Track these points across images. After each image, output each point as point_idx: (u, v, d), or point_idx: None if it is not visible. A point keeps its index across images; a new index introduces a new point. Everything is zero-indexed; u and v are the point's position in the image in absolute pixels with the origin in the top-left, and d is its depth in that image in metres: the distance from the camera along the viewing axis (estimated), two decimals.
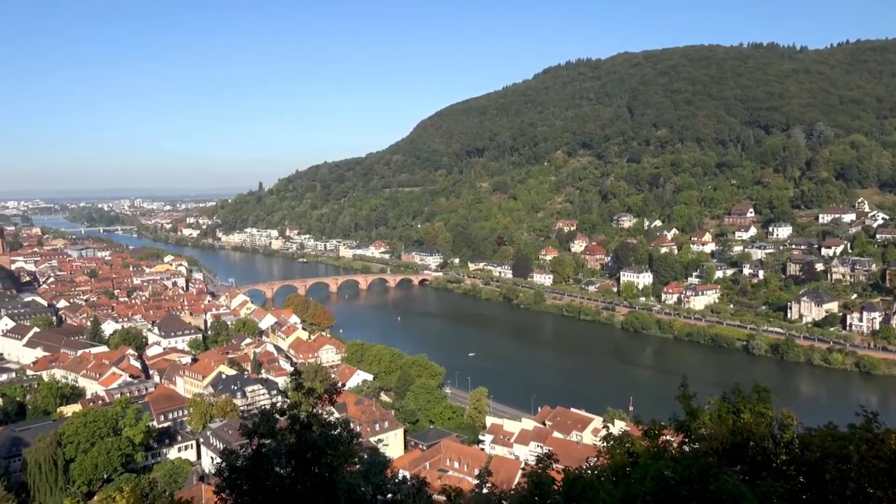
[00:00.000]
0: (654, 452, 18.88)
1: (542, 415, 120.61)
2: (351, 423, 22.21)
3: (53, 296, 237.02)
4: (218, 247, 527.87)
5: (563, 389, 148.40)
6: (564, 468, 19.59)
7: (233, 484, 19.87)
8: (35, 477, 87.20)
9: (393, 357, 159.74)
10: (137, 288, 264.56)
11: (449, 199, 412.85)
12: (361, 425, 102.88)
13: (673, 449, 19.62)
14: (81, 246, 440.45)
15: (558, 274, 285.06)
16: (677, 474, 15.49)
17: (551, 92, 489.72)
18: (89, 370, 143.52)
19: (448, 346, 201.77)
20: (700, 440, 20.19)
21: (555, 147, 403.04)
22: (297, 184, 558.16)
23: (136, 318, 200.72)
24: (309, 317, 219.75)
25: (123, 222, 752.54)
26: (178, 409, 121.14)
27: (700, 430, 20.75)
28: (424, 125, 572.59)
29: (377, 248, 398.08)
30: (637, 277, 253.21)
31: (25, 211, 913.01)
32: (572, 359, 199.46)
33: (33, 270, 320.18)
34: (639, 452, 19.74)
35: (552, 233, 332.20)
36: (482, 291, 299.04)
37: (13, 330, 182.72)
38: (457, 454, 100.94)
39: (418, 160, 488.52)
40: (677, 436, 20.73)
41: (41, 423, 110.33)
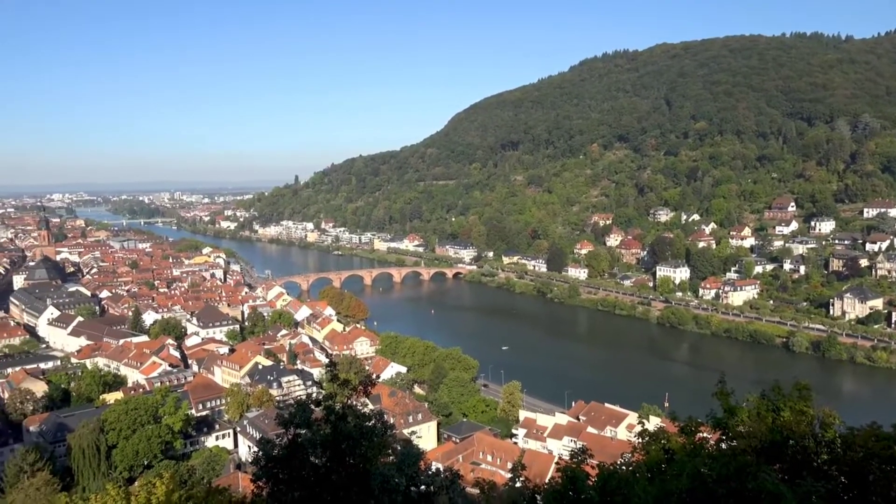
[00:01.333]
0: (690, 449, 18.66)
1: (575, 409, 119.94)
2: (385, 414, 22.34)
3: (96, 286, 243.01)
4: (255, 239, 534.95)
5: (598, 384, 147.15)
6: (599, 463, 19.46)
7: (269, 472, 20.22)
8: (79, 462, 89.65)
9: (426, 350, 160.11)
10: (177, 279, 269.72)
11: (483, 193, 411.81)
12: (395, 417, 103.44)
13: (710, 446, 19.35)
14: (123, 238, 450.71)
15: (593, 268, 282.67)
16: (714, 472, 15.28)
17: (587, 84, 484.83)
18: (131, 359, 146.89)
19: (481, 339, 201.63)
20: (738, 438, 19.87)
21: (590, 140, 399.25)
22: (333, 177, 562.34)
23: (176, 308, 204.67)
24: (343, 309, 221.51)
25: (163, 214, 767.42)
26: (215, 398, 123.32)
27: (738, 428, 20.43)
28: (459, 118, 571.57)
29: (411, 241, 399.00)
30: (674, 272, 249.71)
31: (70, 203, 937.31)
32: (607, 354, 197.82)
33: (77, 261, 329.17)
34: (675, 449, 19.52)
35: (587, 226, 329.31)
36: (516, 285, 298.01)
37: (58, 319, 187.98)
38: (490, 447, 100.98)
39: (453, 153, 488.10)
40: (714, 433, 20.43)
41: (85, 409, 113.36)
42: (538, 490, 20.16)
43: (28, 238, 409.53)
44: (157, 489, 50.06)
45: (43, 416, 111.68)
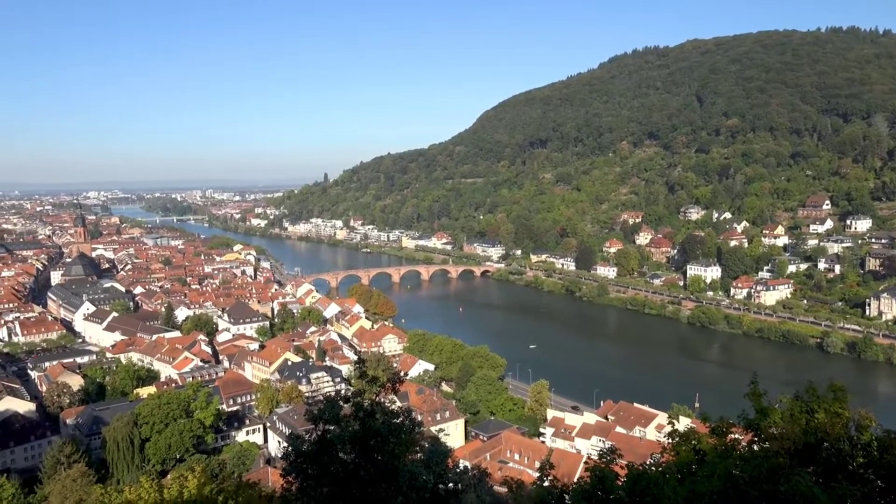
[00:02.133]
0: (721, 450, 18.41)
1: (604, 409, 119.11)
2: (413, 412, 22.40)
3: (130, 282, 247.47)
4: (284, 236, 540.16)
5: (626, 384, 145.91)
6: (628, 463, 19.32)
7: (298, 468, 20.42)
8: (113, 454, 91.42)
9: (454, 348, 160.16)
10: (208, 276, 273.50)
11: (511, 191, 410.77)
12: (422, 415, 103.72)
13: (741, 448, 19.08)
14: (156, 235, 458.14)
15: (622, 267, 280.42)
16: (746, 473, 15.09)
17: (617, 81, 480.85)
18: (163, 354, 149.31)
19: (509, 337, 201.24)
20: (770, 439, 19.55)
21: (620, 137, 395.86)
22: (362, 175, 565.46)
23: (207, 304, 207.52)
24: (372, 306, 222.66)
25: (195, 212, 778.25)
26: (246, 393, 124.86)
27: (770, 430, 20.09)
28: (487, 116, 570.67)
29: (439, 239, 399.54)
30: (704, 271, 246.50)
31: (105, 201, 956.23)
32: (636, 353, 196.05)
33: (112, 258, 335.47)
34: (705, 450, 19.27)
35: (616, 225, 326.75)
36: (544, 283, 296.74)
37: (94, 314, 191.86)
38: (517, 446, 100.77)
39: (481, 151, 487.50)
40: (746, 434, 20.13)
41: (119, 403, 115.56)
42: (566, 489, 20.07)
43: (65, 235, 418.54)
44: (189, 482, 50.91)
45: (79, 410, 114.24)
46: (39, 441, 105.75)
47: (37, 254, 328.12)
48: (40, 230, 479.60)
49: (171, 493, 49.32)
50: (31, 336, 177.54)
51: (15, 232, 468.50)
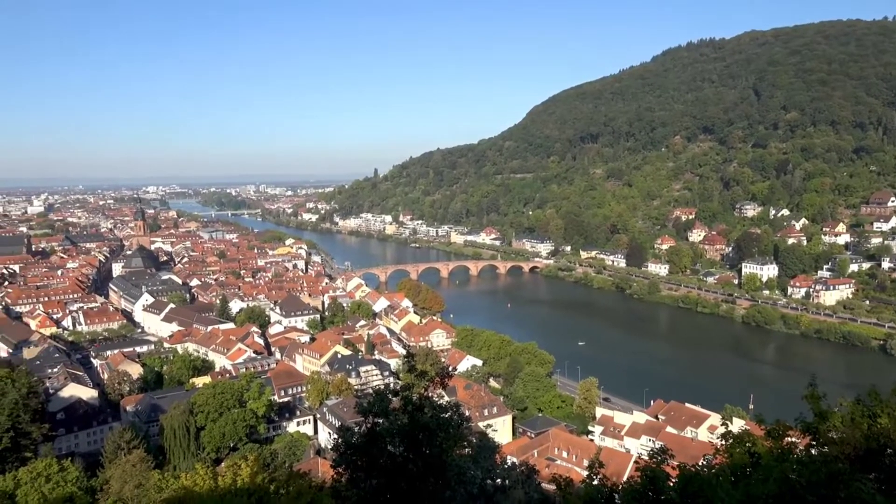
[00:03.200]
0: (777, 454, 17.94)
1: (654, 408, 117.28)
2: (461, 406, 22.47)
3: (187, 275, 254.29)
4: (335, 231, 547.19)
5: (678, 383, 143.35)
6: (679, 464, 19.01)
7: (348, 459, 20.73)
8: (170, 441, 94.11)
9: (502, 343, 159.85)
10: (261, 269, 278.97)
11: (561, 186, 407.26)
12: (470, 410, 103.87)
13: (798, 452, 18.57)
14: (212, 228, 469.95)
15: (674, 264, 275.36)
16: (804, 478, 14.67)
17: (671, 74, 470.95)
18: (218, 345, 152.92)
19: (558, 334, 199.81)
20: (829, 444, 18.96)
21: (673, 132, 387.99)
22: (411, 170, 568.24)
23: (260, 297, 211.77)
24: (420, 301, 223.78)
25: (249, 206, 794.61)
26: (297, 385, 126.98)
27: (830, 434, 19.48)
28: (537, 111, 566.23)
29: (488, 234, 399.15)
30: (760, 269, 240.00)
31: (163, 195, 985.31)
32: (688, 352, 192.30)
33: (170, 251, 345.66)
34: (760, 453, 18.82)
35: (669, 221, 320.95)
36: (594, 280, 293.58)
37: (152, 305, 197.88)
38: (565, 444, 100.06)
39: (531, 146, 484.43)
40: (803, 438, 19.58)
41: (176, 392, 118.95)
42: (616, 489, 19.87)
43: (126, 228, 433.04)
44: (243, 471, 52.22)
45: (138, 397, 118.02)
46: (101, 427, 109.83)
47: (99, 246, 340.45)
48: (103, 223, 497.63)
49: (226, 481, 50.65)
50: (94, 325, 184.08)
51: (79, 225, 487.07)
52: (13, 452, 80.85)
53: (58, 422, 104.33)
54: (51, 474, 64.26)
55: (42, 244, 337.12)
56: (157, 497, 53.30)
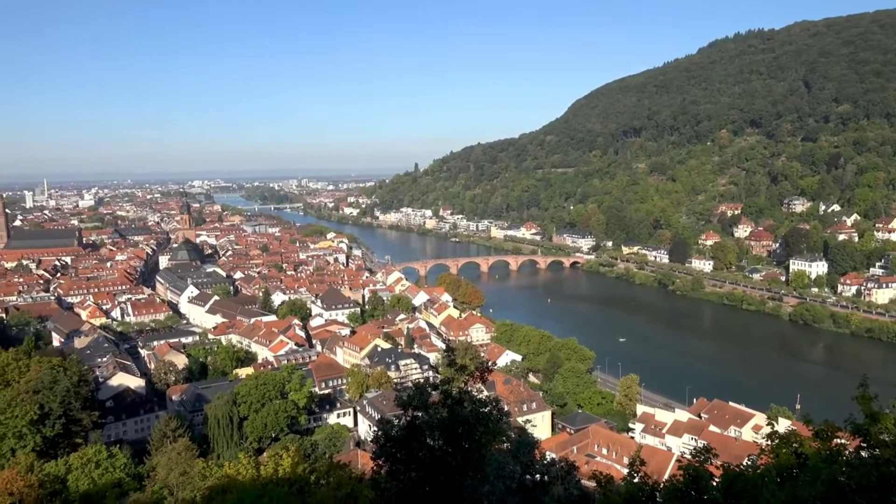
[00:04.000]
0: (826, 455, 17.47)
1: (697, 406, 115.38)
2: (500, 401, 22.45)
3: (231, 267, 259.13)
4: (375, 225, 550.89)
5: (721, 382, 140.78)
6: (723, 464, 18.68)
7: (388, 452, 20.86)
8: (214, 431, 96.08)
9: (542, 339, 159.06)
10: (303, 262, 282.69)
11: (603, 181, 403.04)
12: (509, 405, 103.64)
13: (848, 454, 18.04)
14: (255, 222, 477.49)
15: (719, 260, 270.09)
16: (853, 481, 14.27)
17: (717, 67, 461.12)
18: (260, 337, 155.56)
19: (598, 330, 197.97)
20: (881, 447, 18.35)
21: (719, 126, 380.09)
22: (451, 164, 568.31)
23: (302, 290, 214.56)
24: (460, 295, 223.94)
25: (291, 200, 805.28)
26: (337, 377, 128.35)
27: (881, 436, 18.86)
28: (579, 105, 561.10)
29: (528, 229, 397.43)
30: (809, 266, 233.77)
31: (208, 190, 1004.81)
32: (732, 350, 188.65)
33: (214, 244, 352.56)
34: (808, 454, 18.35)
35: (713, 217, 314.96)
36: (636, 276, 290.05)
37: (197, 297, 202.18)
38: (605, 440, 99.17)
39: (572, 141, 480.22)
40: (853, 440, 19.01)
41: (220, 382, 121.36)
42: (657, 487, 19.60)
43: (172, 222, 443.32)
44: (284, 461, 53.18)
45: (183, 387, 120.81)
46: (148, 415, 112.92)
47: (147, 239, 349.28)
48: (150, 217, 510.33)
49: (267, 471, 51.62)
50: (141, 316, 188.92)
51: (128, 218, 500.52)
52: (65, 438, 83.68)
53: (107, 409, 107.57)
54: (100, 460, 66.37)
55: (92, 237, 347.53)
56: (202, 485, 54.59)
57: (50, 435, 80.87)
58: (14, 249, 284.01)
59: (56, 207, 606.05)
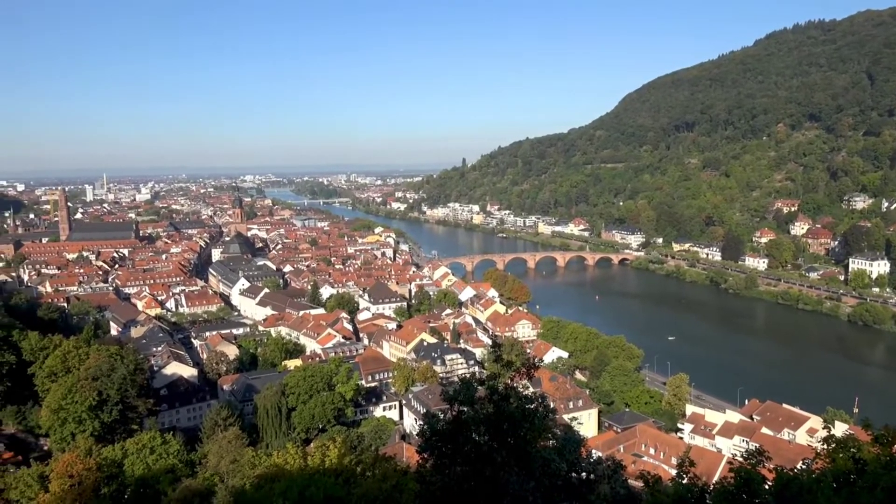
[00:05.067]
0: (886, 461, 16.85)
1: (749, 408, 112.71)
2: (546, 398, 22.28)
3: (281, 261, 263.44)
4: (422, 220, 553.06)
5: (775, 383, 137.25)
6: (776, 467, 18.21)
7: (434, 446, 20.92)
8: (263, 420, 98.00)
9: (589, 336, 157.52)
10: (351, 256, 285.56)
11: (654, 176, 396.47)
12: (555, 402, 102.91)
13: None
14: (304, 216, 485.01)
15: (774, 258, 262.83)
16: None
17: (774, 59, 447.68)
18: (309, 329, 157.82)
19: (647, 328, 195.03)
20: None
21: (776, 120, 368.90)
22: (499, 160, 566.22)
23: (349, 284, 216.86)
24: (506, 291, 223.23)
25: (340, 195, 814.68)
26: (383, 371, 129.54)
27: None
28: (630, 99, 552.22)
29: (576, 225, 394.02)
30: (870, 265, 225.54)
31: (259, 184, 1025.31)
32: (787, 351, 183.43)
33: (265, 237, 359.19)
34: (867, 459, 17.73)
35: (769, 213, 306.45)
36: (687, 273, 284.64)
37: (248, 290, 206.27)
38: (653, 440, 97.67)
39: (622, 135, 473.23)
40: None
41: (269, 373, 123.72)
42: (707, 489, 19.21)
43: (224, 215, 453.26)
44: (331, 452, 53.89)
45: (234, 377, 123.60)
46: (200, 404, 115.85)
47: (200, 232, 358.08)
48: (203, 210, 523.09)
49: (314, 461, 52.39)
50: (195, 308, 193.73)
51: (182, 212, 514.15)
52: (121, 424, 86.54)
53: (161, 397, 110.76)
54: (155, 446, 68.39)
55: (149, 230, 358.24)
56: (251, 473, 55.71)
57: (107, 420, 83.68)
58: (75, 241, 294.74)
59: (115, 201, 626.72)
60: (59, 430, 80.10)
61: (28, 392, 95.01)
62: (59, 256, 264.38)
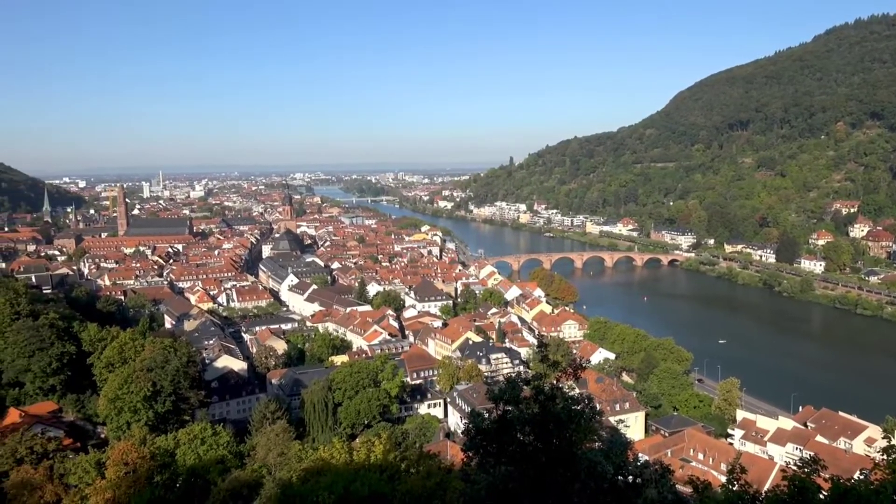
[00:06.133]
0: None
1: (803, 415, 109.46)
2: (593, 399, 22.05)
3: (329, 258, 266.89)
4: (469, 219, 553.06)
5: (831, 390, 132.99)
6: (831, 476, 17.64)
7: (478, 445, 20.90)
8: (310, 415, 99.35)
9: (637, 338, 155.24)
10: (397, 254, 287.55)
11: (706, 176, 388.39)
12: (601, 403, 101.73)
13: None
14: (352, 214, 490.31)
15: (831, 261, 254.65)
16: None
17: (834, 55, 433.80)
18: (355, 326, 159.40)
19: (697, 330, 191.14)
20: None
21: (835, 118, 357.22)
22: (547, 158, 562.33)
23: (396, 282, 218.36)
24: (553, 291, 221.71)
25: (388, 193, 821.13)
26: (428, 368, 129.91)
27: None
28: (682, 97, 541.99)
29: (625, 225, 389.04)
30: None
31: (309, 182, 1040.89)
32: (844, 357, 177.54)
33: (314, 235, 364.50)
34: None
35: (826, 215, 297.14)
36: (739, 275, 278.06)
37: (297, 286, 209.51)
38: (702, 445, 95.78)
39: (673, 134, 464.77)
40: None
41: (316, 368, 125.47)
42: (758, 496, 18.73)
43: (274, 213, 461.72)
44: (376, 448, 54.43)
45: (282, 372, 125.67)
46: (249, 397, 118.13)
47: (251, 229, 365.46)
48: (254, 207, 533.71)
49: (360, 456, 52.97)
50: (245, 302, 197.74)
51: (234, 209, 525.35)
52: (174, 415, 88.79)
53: (212, 390, 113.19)
54: (205, 437, 69.99)
55: (202, 226, 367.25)
56: (298, 466, 56.59)
57: (161, 411, 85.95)
58: (132, 237, 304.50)
59: (170, 198, 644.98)
60: (115, 418, 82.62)
61: (87, 381, 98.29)
62: (118, 251, 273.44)
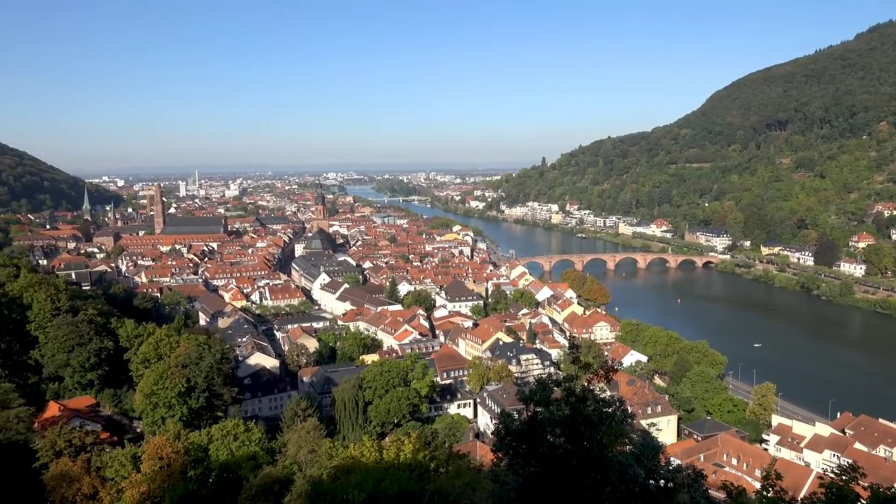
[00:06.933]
0: None
1: (841, 421, 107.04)
2: (624, 402, 21.84)
3: (360, 257, 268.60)
4: (501, 219, 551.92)
5: (870, 396, 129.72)
6: (871, 485, 17.20)
7: (508, 445, 20.85)
8: (341, 413, 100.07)
9: (670, 340, 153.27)
10: (429, 254, 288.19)
11: (742, 177, 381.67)
12: (633, 406, 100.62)
13: None
14: (384, 214, 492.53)
15: (872, 264, 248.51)
16: None
17: (878, 53, 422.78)
18: (386, 325, 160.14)
19: (732, 334, 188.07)
20: None
21: (878, 118, 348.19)
22: (579, 159, 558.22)
23: (427, 281, 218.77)
24: (584, 292, 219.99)
25: (419, 193, 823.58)
26: (458, 368, 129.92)
27: None
28: (718, 96, 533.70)
29: (658, 226, 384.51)
30: None
31: (341, 182, 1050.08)
32: (884, 362, 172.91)
33: (346, 234, 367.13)
34: None
35: (868, 217, 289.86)
36: (775, 278, 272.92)
37: (329, 285, 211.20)
38: (736, 450, 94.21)
39: (709, 134, 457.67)
40: None
41: (347, 367, 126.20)
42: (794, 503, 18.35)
43: (307, 212, 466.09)
44: (406, 447, 54.52)
45: (314, 370, 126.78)
46: (281, 394, 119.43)
47: (284, 228, 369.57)
48: (288, 207, 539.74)
49: (389, 455, 53.13)
50: (278, 301, 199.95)
51: (268, 208, 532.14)
52: (207, 411, 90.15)
53: (245, 386, 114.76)
54: (238, 433, 70.97)
55: (236, 225, 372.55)
56: (328, 464, 56.96)
57: (195, 407, 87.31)
58: (169, 235, 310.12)
59: (205, 197, 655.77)
60: (150, 413, 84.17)
61: (124, 376, 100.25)
62: (154, 249, 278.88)
